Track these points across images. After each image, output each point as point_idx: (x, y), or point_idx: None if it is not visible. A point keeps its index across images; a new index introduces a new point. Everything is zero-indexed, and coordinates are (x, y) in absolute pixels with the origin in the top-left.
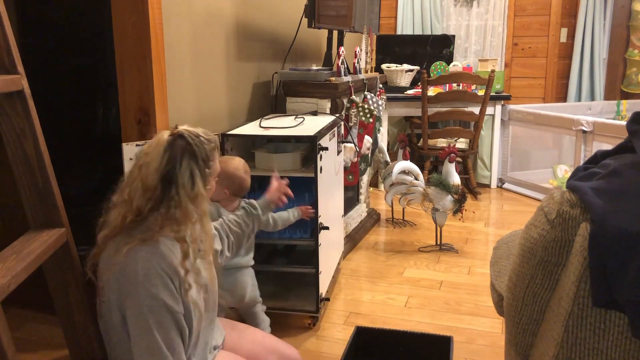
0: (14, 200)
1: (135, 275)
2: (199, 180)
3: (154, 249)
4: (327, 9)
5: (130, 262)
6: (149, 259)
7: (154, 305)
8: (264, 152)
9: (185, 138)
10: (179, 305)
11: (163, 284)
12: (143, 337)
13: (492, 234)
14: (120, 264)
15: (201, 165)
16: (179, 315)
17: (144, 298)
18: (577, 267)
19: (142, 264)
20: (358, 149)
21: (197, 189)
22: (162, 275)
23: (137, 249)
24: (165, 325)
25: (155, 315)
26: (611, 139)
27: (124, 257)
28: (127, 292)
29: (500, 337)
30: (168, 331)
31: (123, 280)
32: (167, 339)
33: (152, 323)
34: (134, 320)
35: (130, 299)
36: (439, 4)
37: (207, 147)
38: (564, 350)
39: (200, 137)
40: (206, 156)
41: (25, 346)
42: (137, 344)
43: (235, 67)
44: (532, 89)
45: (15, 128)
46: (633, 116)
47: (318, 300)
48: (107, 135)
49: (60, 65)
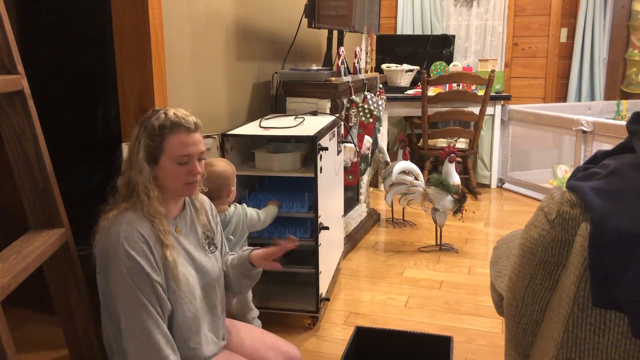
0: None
1: (117, 237)
2: (142, 150)
3: (136, 215)
4: (327, 9)
5: (114, 225)
6: (130, 223)
7: (133, 267)
8: (264, 152)
9: (155, 111)
10: (156, 274)
11: (141, 249)
12: (126, 295)
13: (492, 234)
14: (107, 228)
15: (145, 136)
16: (157, 284)
17: (124, 259)
18: (577, 267)
19: (124, 226)
20: (358, 149)
21: (137, 157)
22: (140, 240)
23: (122, 213)
24: (144, 290)
25: (135, 277)
26: (611, 139)
27: (109, 222)
28: (109, 254)
29: (500, 337)
30: (148, 295)
31: (107, 243)
32: (149, 302)
33: (133, 283)
34: (117, 282)
35: (112, 261)
36: (439, 4)
37: (156, 122)
38: (564, 350)
39: (165, 114)
40: (152, 129)
41: (25, 346)
42: (120, 304)
43: (235, 67)
44: (532, 89)
45: (15, 128)
46: (633, 116)
47: (318, 300)
48: (107, 135)
49: (60, 65)
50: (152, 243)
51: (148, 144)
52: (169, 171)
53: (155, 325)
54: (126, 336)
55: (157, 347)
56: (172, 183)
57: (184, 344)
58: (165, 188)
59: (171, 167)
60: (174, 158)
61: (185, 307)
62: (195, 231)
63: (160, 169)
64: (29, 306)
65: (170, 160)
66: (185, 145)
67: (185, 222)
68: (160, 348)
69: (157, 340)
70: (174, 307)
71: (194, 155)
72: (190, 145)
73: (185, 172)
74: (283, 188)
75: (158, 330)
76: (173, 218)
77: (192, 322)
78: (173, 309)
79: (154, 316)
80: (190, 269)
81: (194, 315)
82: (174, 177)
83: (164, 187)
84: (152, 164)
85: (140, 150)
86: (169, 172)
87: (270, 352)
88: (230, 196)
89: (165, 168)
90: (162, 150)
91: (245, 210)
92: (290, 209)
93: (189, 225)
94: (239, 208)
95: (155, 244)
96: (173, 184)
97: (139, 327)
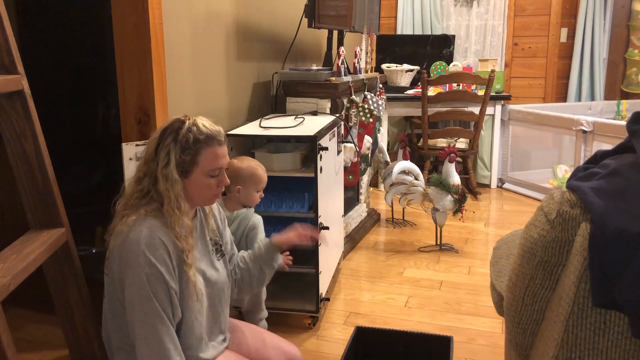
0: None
1: (137, 244)
2: (173, 162)
3: (158, 221)
4: (327, 9)
5: (133, 231)
6: (152, 229)
7: (153, 274)
8: (264, 152)
9: (182, 122)
10: (174, 281)
11: (161, 256)
12: (142, 304)
13: (492, 234)
14: (125, 233)
15: (178, 149)
16: (173, 292)
17: (144, 266)
18: (577, 267)
19: (145, 232)
20: (358, 149)
21: (168, 170)
22: (161, 246)
23: (141, 219)
24: (160, 297)
25: (153, 284)
26: (611, 139)
27: (128, 227)
28: (127, 260)
29: (500, 337)
30: (163, 303)
31: (125, 249)
32: (164, 310)
33: (150, 291)
34: (133, 289)
35: (131, 267)
36: (439, 4)
37: (190, 135)
38: (564, 350)
39: (196, 126)
40: (186, 143)
41: (25, 346)
42: (136, 311)
43: (235, 67)
44: (532, 89)
45: (15, 128)
46: (633, 116)
47: (318, 300)
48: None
49: (60, 65)
50: (171, 251)
51: (181, 158)
52: (200, 184)
53: (167, 333)
54: (139, 342)
55: (167, 355)
56: (202, 195)
57: (188, 349)
58: (191, 199)
59: (203, 180)
60: (207, 171)
61: (194, 315)
62: (204, 238)
63: (191, 181)
64: (29, 306)
65: (203, 173)
66: (218, 158)
67: (195, 228)
68: (170, 355)
69: (167, 347)
70: (184, 314)
71: (224, 167)
72: (221, 157)
73: (216, 183)
74: (283, 188)
75: (169, 338)
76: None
77: (197, 328)
78: (182, 316)
79: (167, 324)
80: (199, 277)
81: (200, 323)
82: (205, 189)
83: (190, 198)
84: (182, 176)
85: (171, 163)
86: (200, 184)
87: (271, 352)
88: (241, 195)
89: (197, 181)
90: (196, 163)
91: (257, 225)
92: (290, 209)
93: (199, 232)
94: (253, 218)
95: (174, 254)
96: (202, 196)
97: (152, 334)
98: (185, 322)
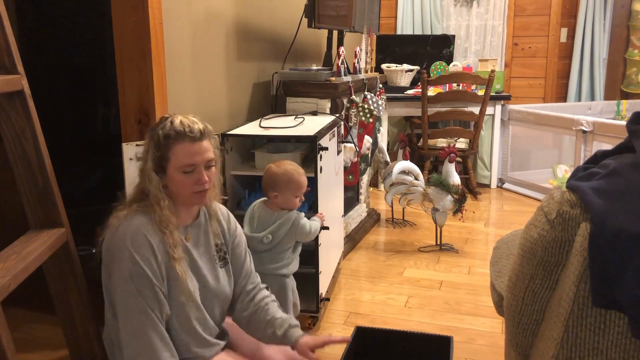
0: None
1: (124, 238)
2: (150, 159)
3: (146, 218)
4: (327, 9)
5: (122, 225)
6: (139, 226)
7: (136, 270)
8: (264, 152)
9: (164, 119)
10: (157, 278)
11: (144, 254)
12: (127, 298)
13: (492, 234)
14: (115, 226)
15: (152, 146)
16: (158, 288)
17: (127, 261)
18: (577, 267)
19: (133, 228)
20: (358, 149)
21: (147, 166)
22: (145, 244)
23: (132, 214)
24: (145, 293)
25: (136, 281)
26: (611, 139)
27: (119, 220)
28: (113, 253)
29: (500, 337)
30: (148, 299)
31: (114, 242)
32: (150, 306)
33: (135, 287)
34: (119, 283)
35: (117, 261)
36: (439, 4)
37: (162, 132)
38: (564, 350)
39: (172, 122)
40: (158, 139)
41: (25, 346)
42: (121, 305)
43: (235, 67)
44: (532, 89)
45: (15, 128)
46: (633, 116)
47: (318, 300)
48: (107, 135)
49: (60, 65)
50: (157, 248)
51: (154, 154)
52: (176, 180)
53: (153, 329)
54: (124, 337)
55: (154, 350)
56: (181, 192)
57: (184, 347)
58: (175, 196)
59: (178, 176)
60: (179, 167)
61: (186, 314)
62: (207, 242)
63: (169, 178)
64: (29, 306)
65: (176, 169)
66: (190, 155)
67: (197, 231)
68: (157, 351)
69: (154, 343)
70: (174, 312)
71: (200, 164)
72: (195, 154)
73: (192, 181)
74: None
75: (156, 334)
76: (184, 226)
77: (192, 327)
78: (173, 314)
79: (152, 320)
80: (194, 279)
81: (192, 318)
82: (182, 186)
83: (174, 195)
84: (160, 173)
85: (149, 160)
86: (176, 181)
87: (270, 350)
88: (279, 200)
89: (173, 177)
90: (167, 159)
91: (299, 220)
92: None
93: (201, 235)
94: (293, 214)
95: (161, 251)
96: (181, 193)
97: (137, 329)
98: (176, 318)
